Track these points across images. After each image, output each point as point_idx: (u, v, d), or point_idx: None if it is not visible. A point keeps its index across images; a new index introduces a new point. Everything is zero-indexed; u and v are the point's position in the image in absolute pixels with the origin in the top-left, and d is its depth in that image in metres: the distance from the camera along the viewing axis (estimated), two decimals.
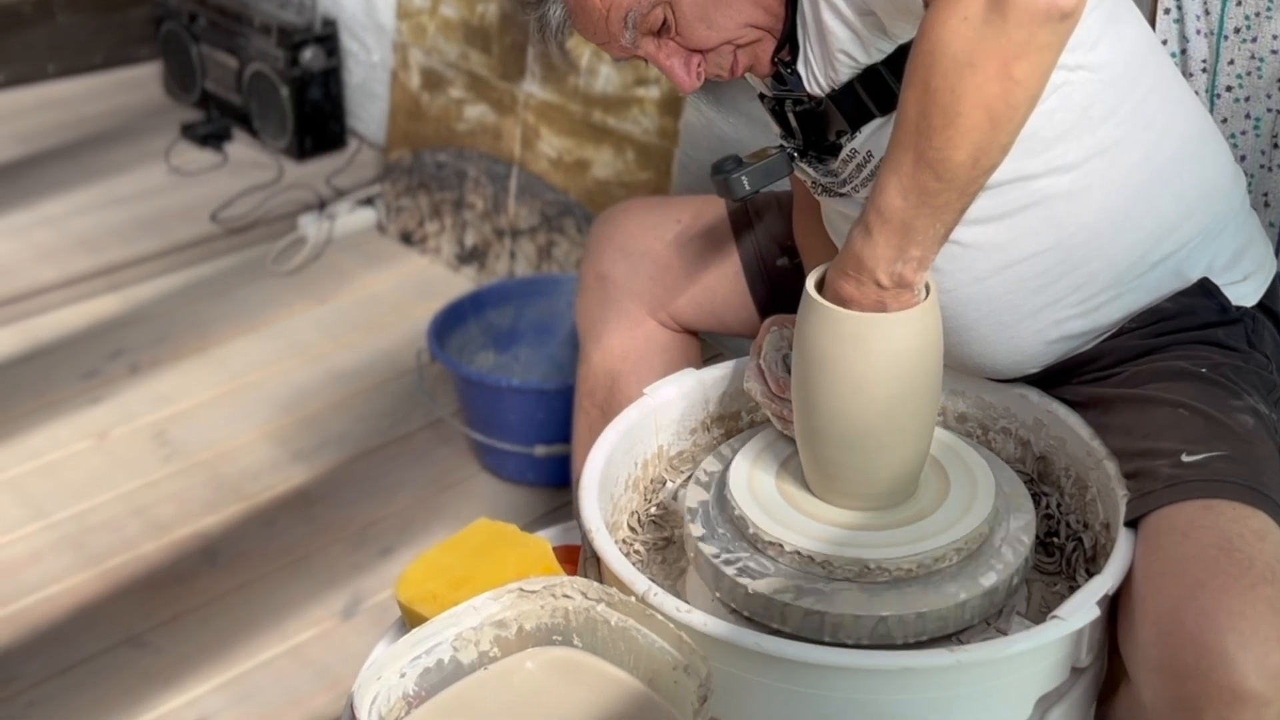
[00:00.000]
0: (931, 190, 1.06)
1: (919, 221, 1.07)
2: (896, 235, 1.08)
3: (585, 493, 1.23)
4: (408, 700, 1.08)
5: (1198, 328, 1.28)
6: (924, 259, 1.10)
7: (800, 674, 1.06)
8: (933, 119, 1.04)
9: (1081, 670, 1.15)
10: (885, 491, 1.19)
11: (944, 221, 1.08)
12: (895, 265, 1.09)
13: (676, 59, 1.25)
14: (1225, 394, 1.23)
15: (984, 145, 1.05)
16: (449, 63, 2.63)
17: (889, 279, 1.09)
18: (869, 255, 1.09)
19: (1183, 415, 1.21)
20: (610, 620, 1.12)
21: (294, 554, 1.99)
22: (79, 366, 2.42)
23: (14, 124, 3.23)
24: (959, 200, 1.08)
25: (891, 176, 1.07)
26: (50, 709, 1.73)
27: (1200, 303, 1.29)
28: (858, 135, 1.25)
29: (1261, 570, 1.06)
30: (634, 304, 1.57)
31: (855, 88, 1.22)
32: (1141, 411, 1.24)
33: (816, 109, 1.26)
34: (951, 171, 1.05)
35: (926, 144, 1.04)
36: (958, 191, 1.07)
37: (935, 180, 1.05)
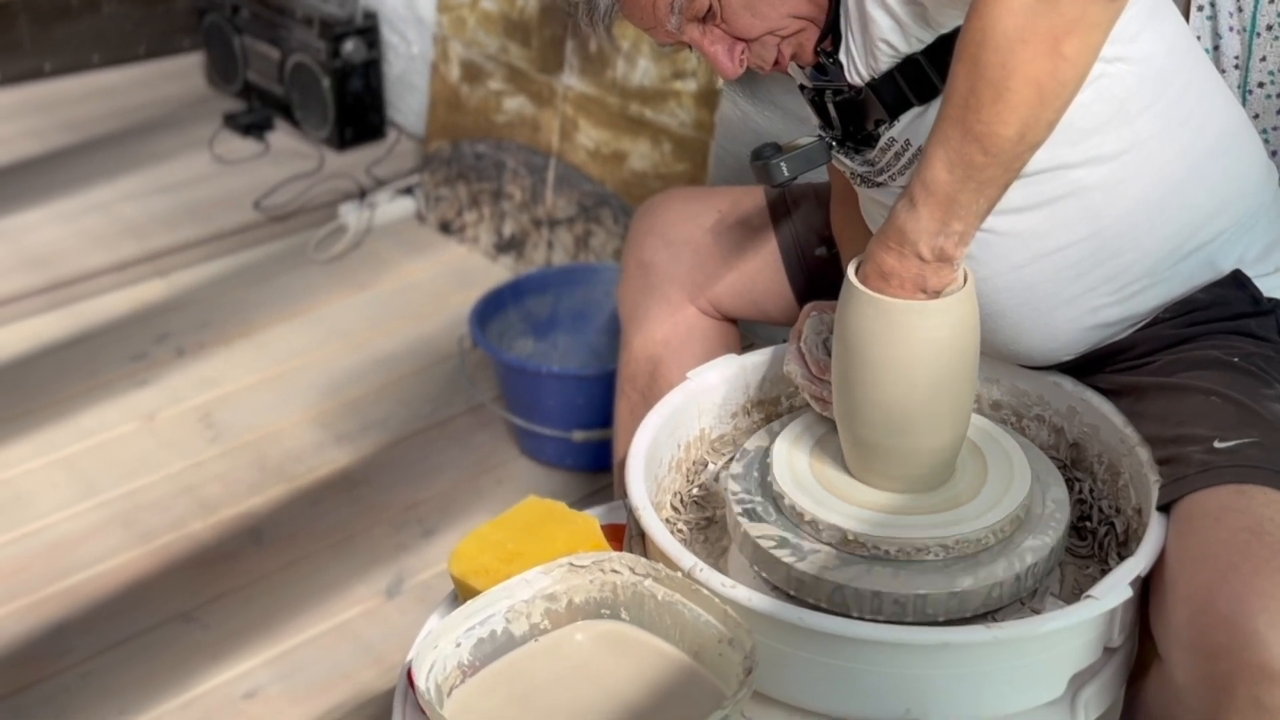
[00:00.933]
0: (978, 164, 1.09)
1: (963, 195, 1.10)
2: (941, 208, 1.11)
3: (632, 472, 1.27)
4: (462, 669, 1.13)
5: (1230, 318, 1.31)
6: (965, 234, 1.12)
7: (840, 648, 1.10)
8: (982, 94, 1.06)
9: (1114, 650, 1.19)
10: (923, 474, 1.23)
11: (987, 196, 1.11)
12: (938, 239, 1.12)
13: (721, 46, 1.27)
14: (1257, 383, 1.26)
15: (1031, 121, 1.08)
16: (489, 55, 2.68)
17: (930, 252, 1.12)
18: (912, 228, 1.12)
19: (1215, 403, 1.24)
20: (657, 595, 1.16)
21: (338, 534, 2.04)
22: (127, 350, 2.47)
23: (61, 113, 3.29)
24: (1004, 175, 1.10)
25: (939, 150, 1.10)
26: (104, 681, 1.78)
27: (1233, 294, 1.32)
28: (896, 124, 1.28)
29: None
30: (675, 291, 1.61)
31: (895, 77, 1.25)
32: (1175, 399, 1.27)
33: (856, 98, 1.29)
34: (998, 146, 1.08)
35: (975, 118, 1.07)
36: (1003, 166, 1.09)
37: (982, 154, 1.08)
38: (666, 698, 1.12)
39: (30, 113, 3.28)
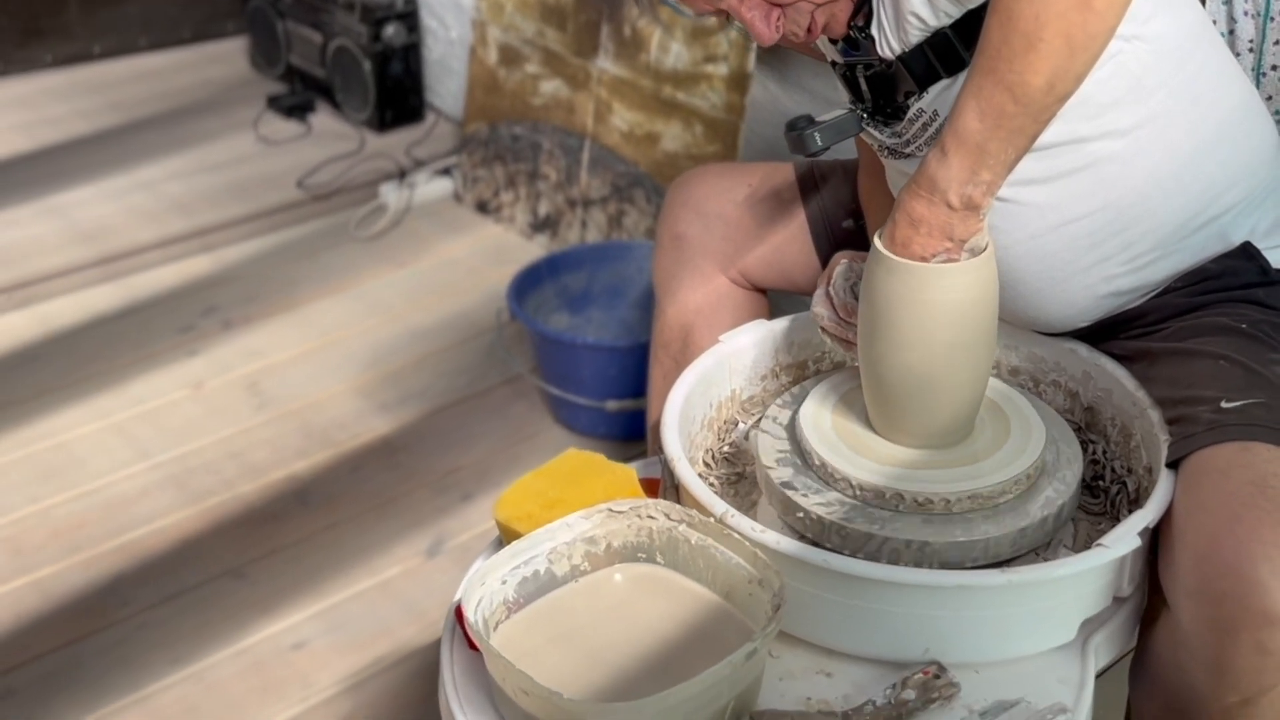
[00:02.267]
0: (1008, 114, 1.14)
1: (993, 144, 1.16)
2: (970, 157, 1.16)
3: (667, 427, 1.34)
4: (508, 605, 1.20)
5: (1239, 287, 1.37)
6: (993, 184, 1.18)
7: (864, 589, 1.17)
8: (1014, 44, 1.12)
9: (1123, 600, 1.25)
10: (943, 430, 1.30)
11: (1016, 146, 1.17)
12: (966, 187, 1.18)
13: (757, 12, 1.30)
14: (1264, 348, 1.32)
15: (1060, 72, 1.13)
16: (525, 39, 2.75)
17: (959, 200, 1.19)
18: (943, 176, 1.18)
19: (1223, 366, 1.30)
20: (691, 539, 1.23)
21: (380, 497, 2.12)
22: (175, 322, 2.56)
23: (111, 93, 3.38)
24: (1032, 125, 1.16)
25: (970, 100, 1.16)
26: (159, 632, 1.87)
27: (1242, 265, 1.38)
28: (925, 95, 1.33)
29: None
30: (707, 262, 1.67)
31: (924, 50, 1.30)
32: (1184, 363, 1.33)
33: (887, 71, 1.34)
34: (1028, 95, 1.14)
35: (1007, 68, 1.13)
36: (1032, 116, 1.15)
37: (1013, 104, 1.14)
38: (699, 635, 1.20)
39: (80, 94, 3.37)
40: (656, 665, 1.17)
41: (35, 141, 3.14)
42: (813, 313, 1.41)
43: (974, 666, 1.19)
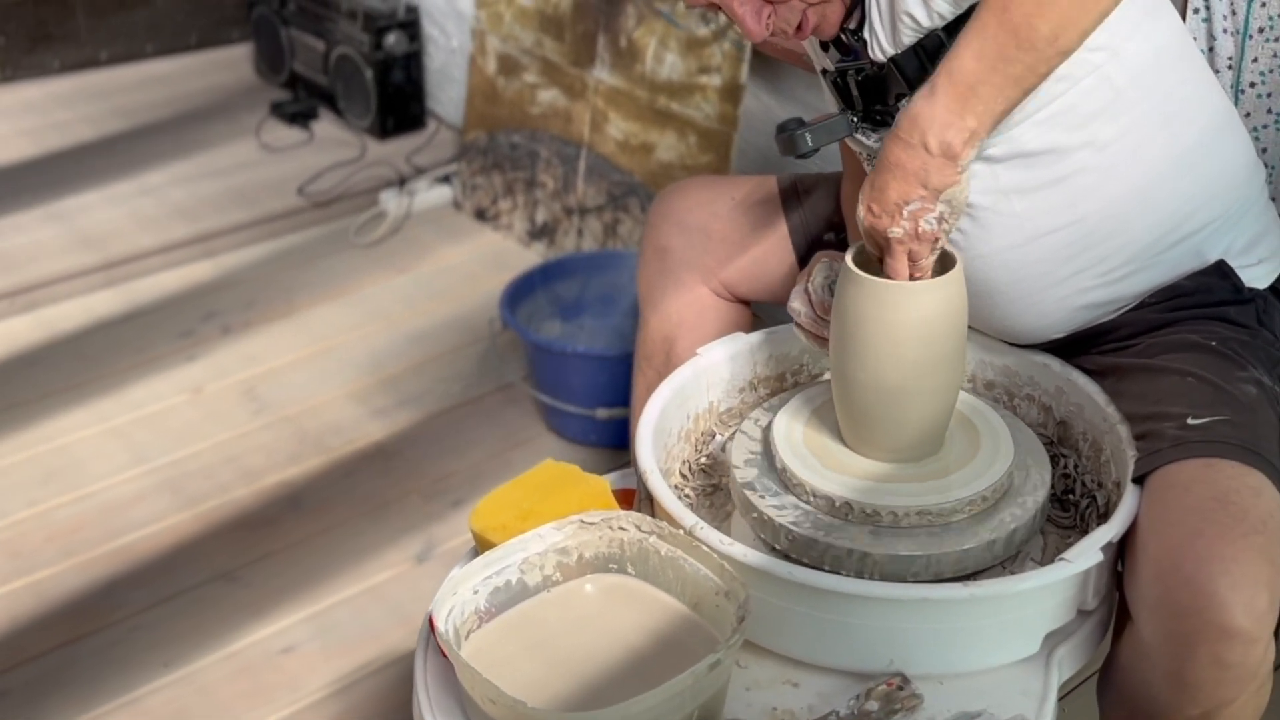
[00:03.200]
0: (1008, 57, 1.15)
1: (985, 88, 1.16)
2: (959, 99, 1.17)
3: (640, 439, 1.36)
4: (479, 615, 1.22)
5: (1212, 305, 1.39)
6: (975, 134, 1.18)
7: (828, 602, 1.19)
8: None
9: (1088, 613, 1.27)
10: (912, 445, 1.32)
11: (1006, 97, 1.18)
12: (948, 132, 1.18)
13: (748, 7, 1.31)
14: (1232, 365, 1.34)
15: (1067, 22, 1.15)
16: (524, 49, 2.78)
17: (937, 145, 1.19)
18: (925, 114, 1.19)
19: (1190, 383, 1.31)
20: (661, 551, 1.25)
21: (372, 502, 2.15)
22: (176, 327, 2.59)
23: (117, 99, 3.42)
24: (1029, 75, 1.17)
25: (972, 40, 1.16)
26: (153, 634, 1.90)
27: (1216, 282, 1.39)
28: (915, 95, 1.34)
29: (1254, 522, 1.17)
30: (689, 274, 1.69)
31: (917, 52, 1.31)
32: (1153, 380, 1.35)
33: (879, 74, 1.34)
34: (1031, 40, 1.15)
35: (1016, 9, 1.14)
36: (1029, 65, 1.16)
37: (1015, 47, 1.15)
38: (667, 645, 1.22)
39: (86, 99, 3.41)
40: (625, 675, 1.20)
41: (41, 147, 3.18)
42: (789, 308, 1.43)
43: (938, 678, 1.22)
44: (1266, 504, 1.20)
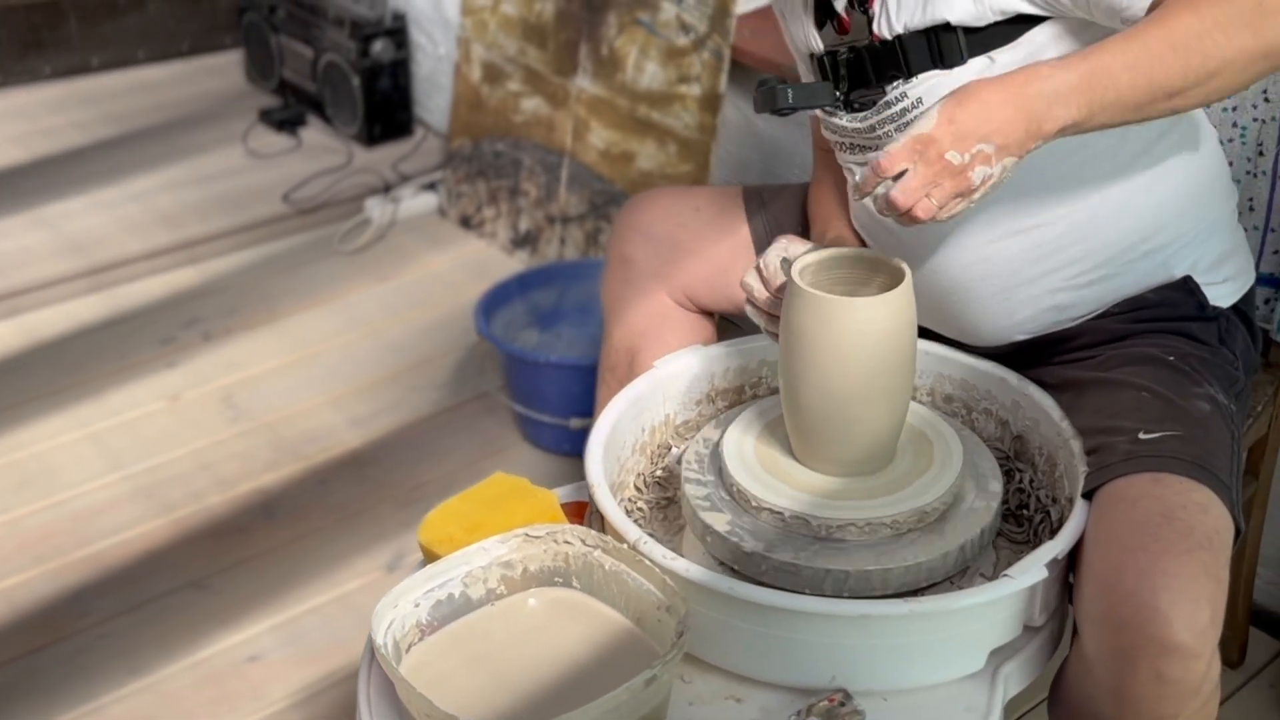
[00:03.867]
0: (1157, 87, 1.14)
1: (1113, 97, 1.14)
2: (1079, 89, 1.13)
3: (591, 453, 1.36)
4: (421, 628, 1.22)
5: (1174, 319, 1.39)
6: (1074, 125, 1.15)
7: (769, 617, 1.19)
8: (1222, 17, 1.14)
9: (1036, 630, 1.27)
10: (861, 459, 1.31)
11: (1124, 118, 1.16)
12: (1045, 103, 1.13)
13: None
14: (1188, 381, 1.33)
15: (1231, 73, 1.15)
16: (508, 57, 2.78)
17: (1026, 112, 1.13)
18: (1046, 74, 1.14)
19: (1145, 398, 1.31)
20: (605, 565, 1.25)
21: (345, 511, 2.15)
22: (157, 333, 2.59)
23: (107, 105, 3.43)
24: (1152, 107, 1.16)
25: (1132, 48, 1.14)
26: (119, 642, 1.90)
27: (1181, 297, 1.40)
28: (912, 81, 1.34)
29: (1199, 538, 1.17)
30: (654, 285, 1.68)
31: (928, 38, 1.31)
32: (1109, 394, 1.35)
33: (877, 51, 1.34)
34: (1189, 77, 1.14)
35: (1197, 43, 1.13)
36: (1165, 97, 1.15)
37: (1167, 86, 1.14)
38: (609, 659, 1.22)
39: (76, 106, 3.42)
40: (565, 689, 1.19)
41: (30, 153, 3.19)
42: (742, 283, 1.40)
43: (881, 694, 1.21)
44: (1213, 520, 1.20)
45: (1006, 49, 1.30)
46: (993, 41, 1.31)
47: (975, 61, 1.31)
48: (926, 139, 1.16)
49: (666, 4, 2.44)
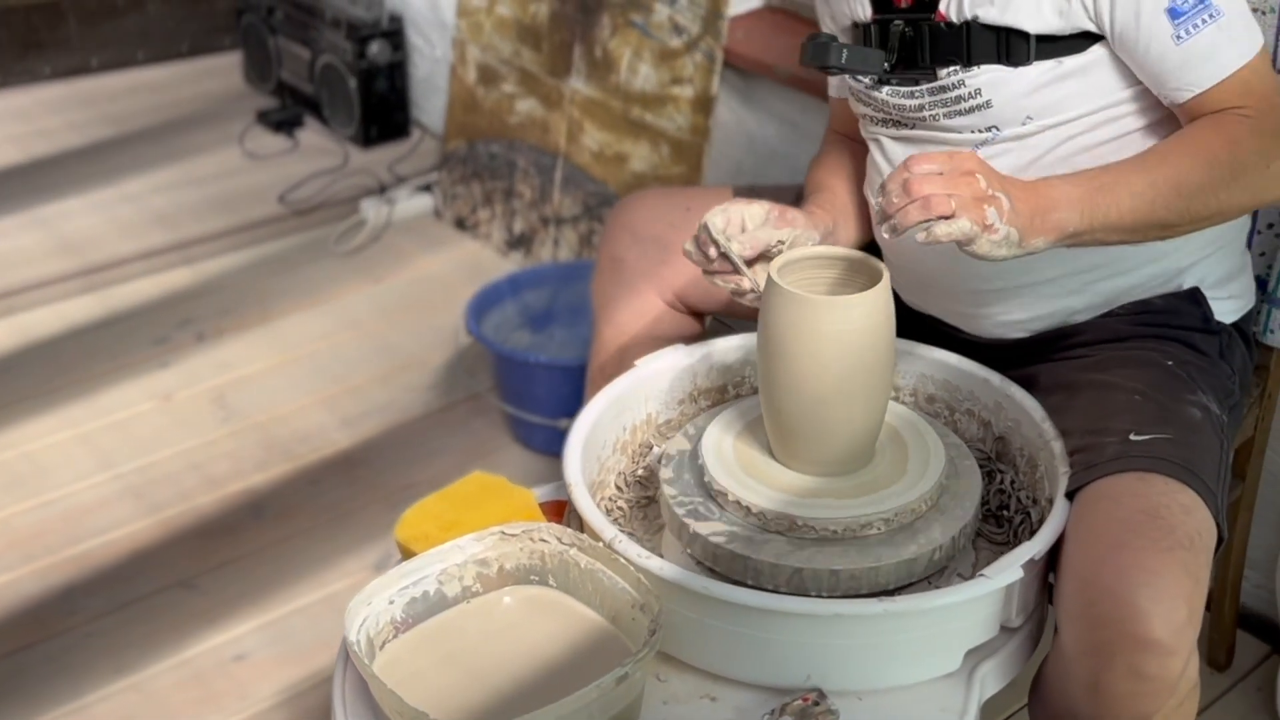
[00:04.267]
0: (1153, 221, 1.26)
1: (1109, 217, 1.23)
2: (1084, 201, 1.22)
3: (569, 452, 1.36)
4: (395, 625, 1.22)
5: (1178, 327, 1.41)
6: (1066, 231, 1.23)
7: (743, 616, 1.19)
8: (1219, 178, 1.25)
9: (1014, 630, 1.26)
10: (839, 458, 1.31)
11: (1108, 237, 1.26)
12: (1052, 202, 1.21)
13: None
14: (1182, 387, 1.34)
15: (1208, 216, 1.28)
16: (503, 59, 2.78)
17: (1039, 199, 1.22)
18: (1051, 183, 1.24)
19: (1137, 401, 1.31)
20: (580, 563, 1.25)
21: (334, 511, 2.15)
22: (150, 333, 2.60)
23: (105, 106, 3.44)
24: (1136, 235, 1.28)
25: (1137, 181, 1.24)
26: (106, 640, 1.90)
27: (1187, 307, 1.41)
28: (973, 70, 1.34)
29: (1180, 537, 1.16)
30: (644, 285, 1.68)
31: (994, 32, 1.32)
32: (1103, 396, 1.35)
33: (943, 31, 1.34)
34: (1180, 226, 1.28)
35: (1202, 199, 1.25)
36: (1157, 235, 1.29)
37: (1162, 222, 1.26)
38: (584, 657, 1.21)
39: (75, 106, 3.43)
40: (539, 686, 1.19)
41: (27, 153, 3.20)
42: (684, 249, 1.37)
43: (856, 694, 1.21)
44: (1195, 522, 1.19)
45: (1075, 56, 1.32)
46: (1062, 49, 1.32)
47: (1042, 64, 1.32)
48: (963, 156, 1.20)
49: (659, 5, 2.44)
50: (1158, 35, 1.28)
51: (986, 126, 1.37)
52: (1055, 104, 1.34)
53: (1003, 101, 1.34)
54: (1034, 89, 1.33)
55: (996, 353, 1.48)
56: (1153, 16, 1.27)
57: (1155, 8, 1.27)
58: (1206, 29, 1.27)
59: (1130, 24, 1.28)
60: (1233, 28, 1.28)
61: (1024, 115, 1.35)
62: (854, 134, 1.57)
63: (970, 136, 1.38)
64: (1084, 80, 1.33)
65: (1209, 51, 1.27)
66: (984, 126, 1.37)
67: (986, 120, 1.36)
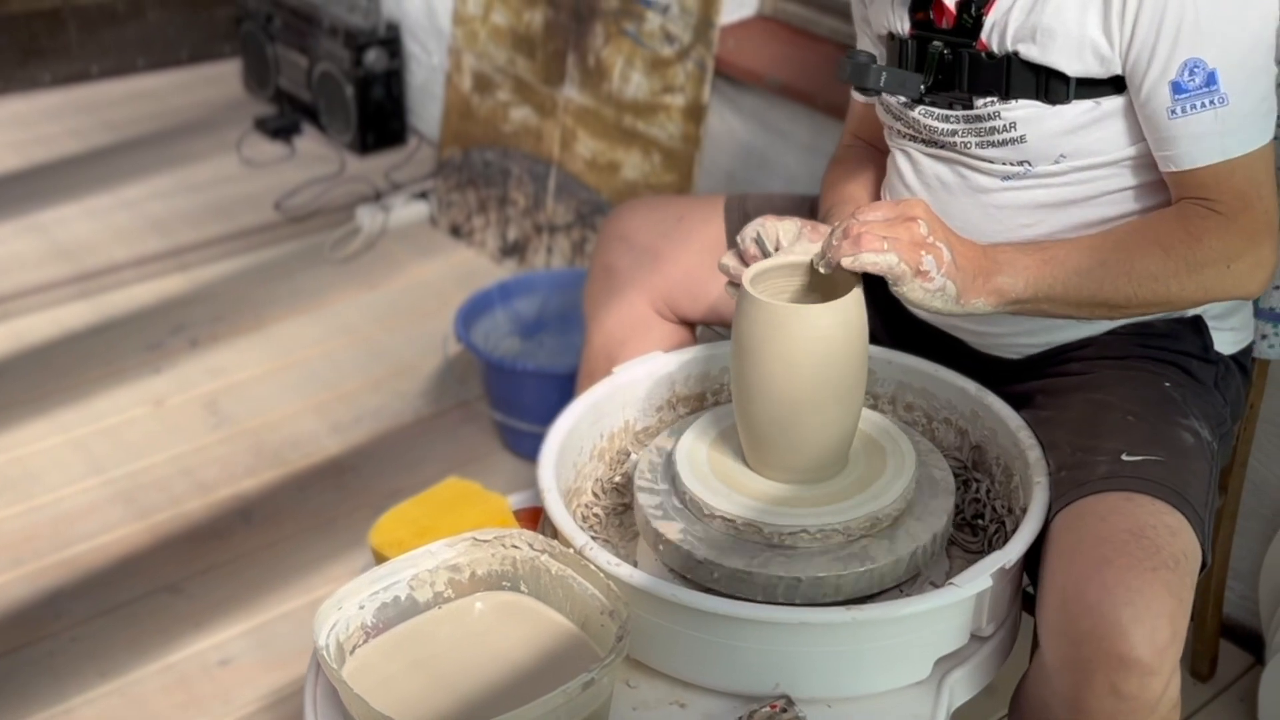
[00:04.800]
0: (1096, 300, 1.28)
1: (1054, 289, 1.27)
2: (1031, 269, 1.26)
3: (544, 458, 1.36)
4: (365, 630, 1.22)
5: (1177, 352, 1.41)
6: (1009, 296, 1.26)
7: (711, 623, 1.19)
8: (1172, 279, 1.28)
9: (985, 639, 1.26)
10: (811, 466, 1.31)
11: (1054, 309, 1.29)
12: (999, 266, 1.25)
13: None
14: (1176, 410, 1.34)
15: (1155, 305, 1.30)
16: (498, 67, 2.79)
17: (986, 260, 1.25)
18: (1002, 249, 1.27)
19: (1130, 421, 1.31)
20: (551, 569, 1.25)
21: (322, 517, 2.15)
22: (144, 339, 2.61)
23: (105, 113, 3.46)
24: (1083, 311, 1.30)
25: (1095, 267, 1.26)
26: (91, 645, 1.91)
27: (1188, 334, 1.42)
28: (1011, 104, 1.33)
29: (1165, 558, 1.16)
30: (635, 293, 1.68)
31: (1036, 70, 1.31)
32: (1096, 413, 1.35)
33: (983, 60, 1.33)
34: (1123, 307, 1.30)
35: (1150, 290, 1.27)
36: (1103, 314, 1.32)
37: (1108, 302, 1.28)
38: (553, 662, 1.22)
39: (75, 113, 3.45)
40: (508, 692, 1.19)
41: (25, 160, 3.22)
42: (720, 265, 1.36)
43: (825, 701, 1.21)
44: (1181, 544, 1.19)
45: (1113, 98, 1.31)
46: (1101, 91, 1.31)
47: (1081, 104, 1.32)
48: (910, 203, 1.23)
49: (652, 14, 2.44)
50: (1156, 102, 1.27)
51: (1019, 160, 1.36)
52: (1090, 145, 1.33)
53: (1037, 138, 1.33)
54: (1070, 129, 1.32)
55: (1001, 366, 1.49)
56: (1158, 82, 1.26)
57: (1163, 75, 1.26)
58: (1204, 113, 1.25)
59: (1139, 77, 1.28)
60: (1233, 119, 1.25)
61: (1057, 153, 1.34)
62: (875, 139, 1.57)
63: (1001, 168, 1.37)
64: (1121, 123, 1.32)
65: (1198, 135, 1.26)
66: (1016, 160, 1.36)
67: (1019, 155, 1.35)
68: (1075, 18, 1.29)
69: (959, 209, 1.41)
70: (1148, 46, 1.26)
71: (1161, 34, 1.25)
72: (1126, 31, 1.27)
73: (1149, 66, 1.27)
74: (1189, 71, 1.25)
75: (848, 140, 1.65)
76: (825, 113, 2.21)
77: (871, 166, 1.57)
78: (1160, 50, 1.25)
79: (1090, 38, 1.28)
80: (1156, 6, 1.25)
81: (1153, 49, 1.26)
